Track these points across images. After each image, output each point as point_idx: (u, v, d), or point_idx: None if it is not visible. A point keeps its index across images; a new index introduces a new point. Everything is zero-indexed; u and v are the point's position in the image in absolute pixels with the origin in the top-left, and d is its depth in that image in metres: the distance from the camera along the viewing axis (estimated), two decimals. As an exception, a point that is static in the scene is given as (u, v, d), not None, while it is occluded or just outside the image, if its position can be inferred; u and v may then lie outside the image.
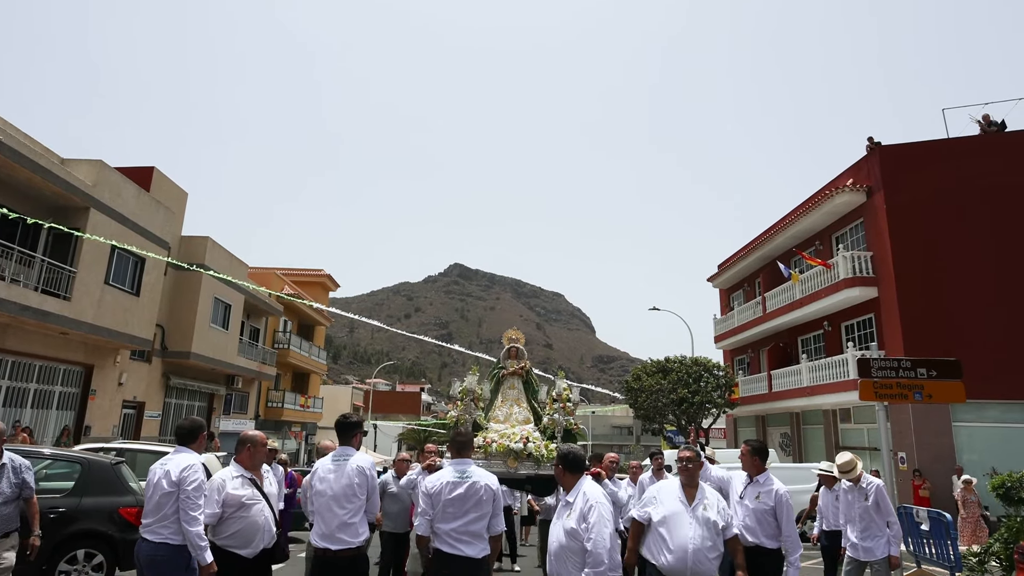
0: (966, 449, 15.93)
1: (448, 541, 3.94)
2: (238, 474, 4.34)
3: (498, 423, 7.68)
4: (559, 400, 7.65)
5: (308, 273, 39.19)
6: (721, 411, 24.72)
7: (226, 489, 4.21)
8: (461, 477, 4.07)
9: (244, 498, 4.21)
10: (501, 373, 8.25)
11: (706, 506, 4.14)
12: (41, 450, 7.70)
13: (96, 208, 15.51)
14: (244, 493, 4.23)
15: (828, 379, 18.53)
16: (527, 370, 8.34)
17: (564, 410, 7.56)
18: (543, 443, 7.12)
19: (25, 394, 15.02)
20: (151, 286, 18.29)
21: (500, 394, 8.15)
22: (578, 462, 3.97)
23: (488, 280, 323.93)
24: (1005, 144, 18.05)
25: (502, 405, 7.99)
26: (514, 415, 7.84)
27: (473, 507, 3.99)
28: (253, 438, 4.51)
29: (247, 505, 4.22)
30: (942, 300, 16.77)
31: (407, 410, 65.65)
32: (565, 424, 7.49)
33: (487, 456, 7.00)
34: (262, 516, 4.30)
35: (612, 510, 3.83)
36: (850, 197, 18.87)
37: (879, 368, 9.09)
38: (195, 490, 4.13)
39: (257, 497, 4.31)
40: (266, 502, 4.39)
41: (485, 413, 7.89)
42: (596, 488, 3.84)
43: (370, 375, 74.06)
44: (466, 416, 7.59)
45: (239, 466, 4.40)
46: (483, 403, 7.91)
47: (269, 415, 30.77)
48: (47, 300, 13.90)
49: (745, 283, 27.98)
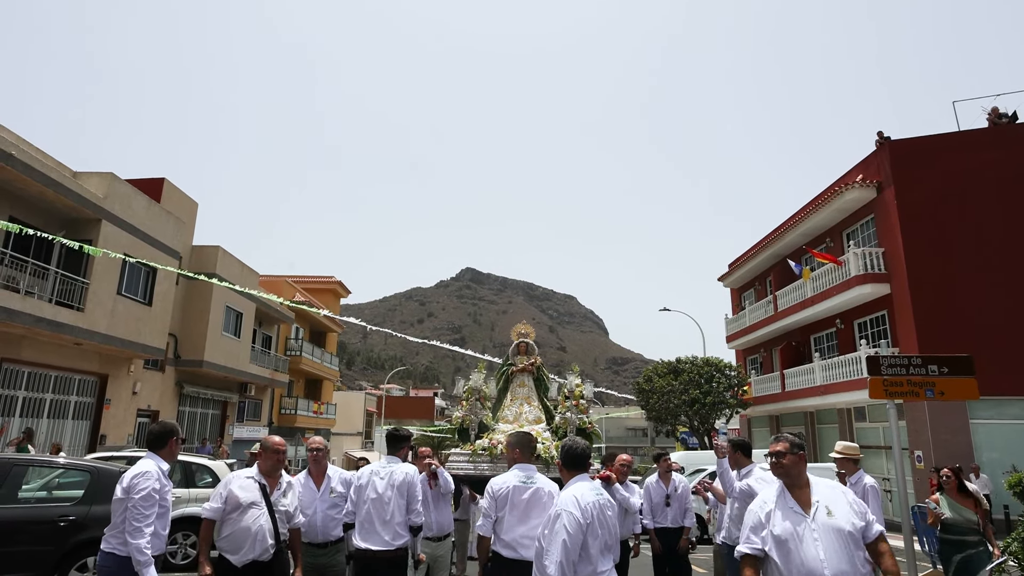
0: (984, 447, 15.61)
1: (511, 546, 3.89)
2: (251, 476, 4.29)
3: (507, 423, 7.23)
4: (571, 397, 7.18)
5: (319, 280, 39.43)
6: (734, 411, 24.49)
7: (230, 486, 4.16)
8: (526, 482, 3.98)
9: (243, 500, 4.12)
10: (510, 370, 7.74)
11: (830, 509, 2.96)
12: (54, 459, 7.81)
13: (107, 220, 15.75)
14: (245, 496, 4.14)
15: (842, 377, 18.28)
16: (538, 366, 7.79)
17: (577, 408, 7.10)
18: (553, 443, 6.67)
19: (41, 404, 15.25)
20: (163, 296, 18.52)
21: (509, 392, 7.67)
22: (576, 457, 3.51)
23: (500, 284, 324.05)
24: (1017, 136, 17.73)
25: (511, 404, 7.52)
26: (524, 414, 7.38)
27: (537, 513, 3.92)
28: (263, 442, 4.49)
29: (243, 507, 4.12)
30: (956, 296, 16.49)
31: (421, 415, 65.70)
32: (578, 422, 7.02)
33: (493, 458, 6.61)
34: (256, 524, 4.11)
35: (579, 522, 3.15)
36: (860, 193, 18.64)
37: (889, 365, 8.93)
38: (143, 499, 3.75)
39: (258, 503, 4.15)
40: (268, 510, 4.18)
41: (493, 413, 7.46)
42: (576, 492, 3.28)
43: (383, 380, 74.33)
44: (472, 416, 7.20)
45: (256, 469, 4.37)
46: (490, 402, 7.50)
47: (282, 422, 30.97)
48: (61, 311, 14.11)
49: (756, 282, 27.73)
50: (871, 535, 2.95)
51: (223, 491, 4.16)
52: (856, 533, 2.91)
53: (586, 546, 3.16)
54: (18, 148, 13.27)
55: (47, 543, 6.49)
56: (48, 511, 6.73)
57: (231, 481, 4.22)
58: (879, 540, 2.96)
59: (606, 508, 3.35)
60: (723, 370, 24.46)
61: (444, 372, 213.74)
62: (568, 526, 3.12)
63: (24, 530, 6.45)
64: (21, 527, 6.45)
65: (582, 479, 3.45)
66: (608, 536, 3.31)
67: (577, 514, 3.16)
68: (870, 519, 2.98)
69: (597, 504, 3.29)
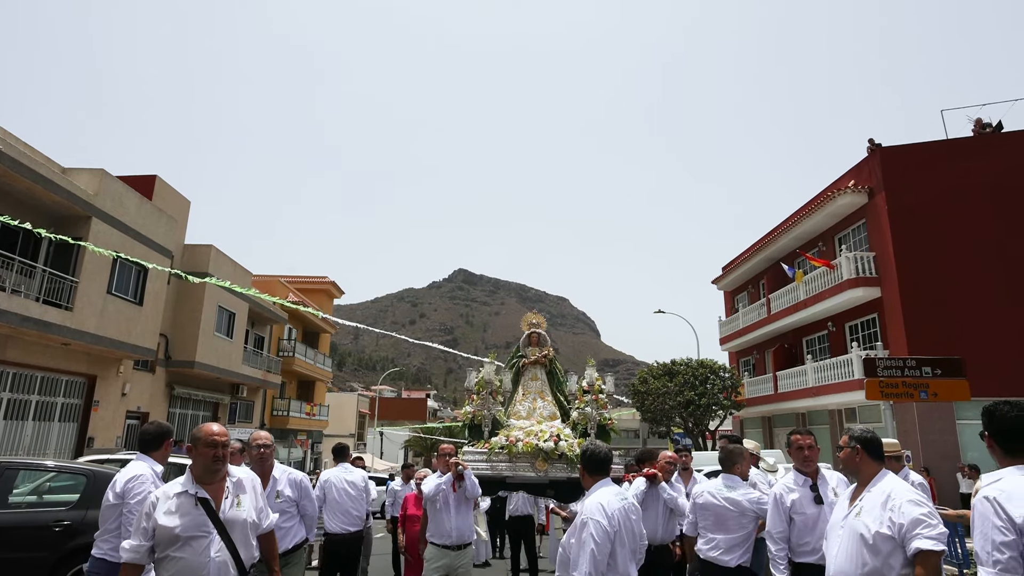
0: (970, 447, 15.84)
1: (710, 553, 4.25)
2: (180, 491, 2.99)
3: (520, 419, 6.74)
4: (591, 391, 6.62)
5: (313, 280, 39.22)
6: (728, 413, 24.59)
7: (155, 514, 2.91)
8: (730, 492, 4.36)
9: (178, 530, 2.88)
10: (521, 363, 7.20)
11: (861, 511, 2.85)
12: (44, 463, 7.68)
13: (98, 217, 15.55)
14: (180, 523, 2.90)
15: (833, 379, 18.43)
16: (551, 358, 7.27)
17: (597, 403, 6.54)
18: (575, 441, 6.18)
19: (27, 406, 15.00)
20: (154, 295, 18.32)
21: (521, 386, 7.14)
22: (599, 462, 3.33)
23: (492, 285, 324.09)
24: (1003, 144, 18.11)
25: (524, 399, 7.00)
26: (538, 410, 6.85)
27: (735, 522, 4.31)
28: (192, 435, 3.14)
29: (182, 541, 2.89)
30: (945, 299, 16.73)
31: (413, 417, 65.48)
32: (599, 419, 6.46)
33: (512, 457, 6.09)
34: (206, 558, 2.88)
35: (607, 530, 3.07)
36: (852, 198, 18.85)
37: (885, 367, 9.02)
38: (139, 504, 3.50)
39: (203, 527, 2.93)
40: (220, 534, 2.97)
41: (505, 408, 6.94)
42: (601, 499, 3.17)
43: (375, 382, 74.07)
44: (484, 412, 6.64)
45: (188, 478, 3.04)
46: (503, 396, 6.95)
47: (275, 423, 30.75)
48: (49, 311, 13.91)
49: (749, 285, 27.88)
50: (909, 550, 2.62)
51: (146, 522, 2.90)
52: (874, 539, 2.70)
53: (614, 554, 3.11)
54: (5, 143, 13.11)
55: (42, 549, 6.36)
56: (43, 516, 6.60)
57: (155, 505, 2.94)
58: (915, 559, 2.61)
59: (631, 513, 3.30)
60: (717, 372, 24.56)
61: (436, 373, 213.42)
62: (596, 535, 3.04)
63: (17, 535, 6.31)
64: (14, 532, 6.31)
65: (606, 484, 3.35)
66: (634, 543, 3.28)
67: (604, 522, 3.09)
68: (907, 533, 2.63)
69: (623, 510, 3.23)
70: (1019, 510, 2.20)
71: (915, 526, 2.60)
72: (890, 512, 2.70)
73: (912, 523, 2.61)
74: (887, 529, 2.67)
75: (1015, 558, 2.17)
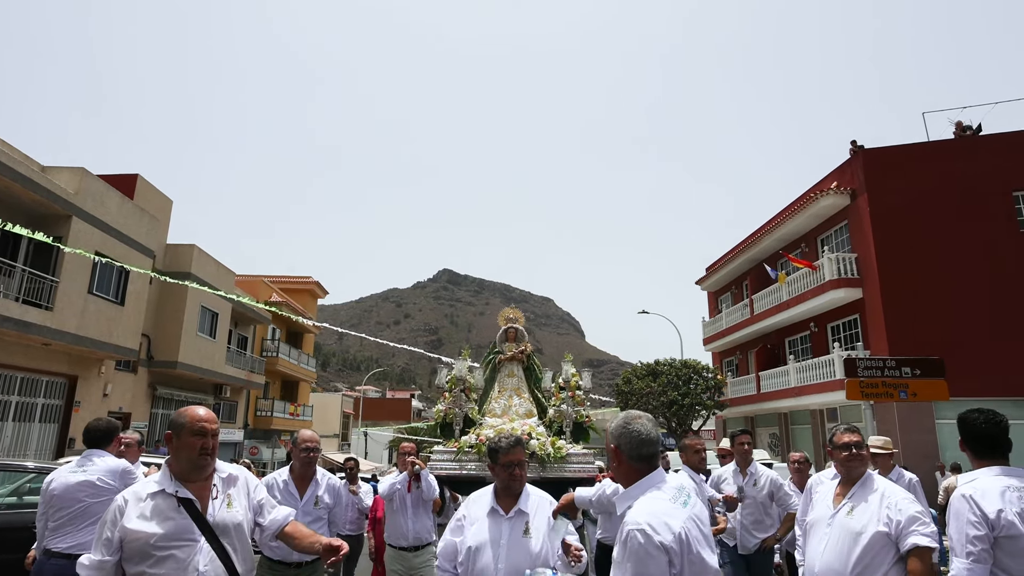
0: (949, 446, 16.13)
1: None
2: (155, 490, 2.48)
3: (495, 417, 6.54)
4: (567, 388, 6.45)
5: (296, 280, 38.87)
6: (711, 413, 24.85)
7: (123, 521, 2.40)
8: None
9: (154, 539, 2.37)
10: (498, 359, 7.01)
11: (852, 509, 2.91)
12: (25, 464, 7.56)
13: (78, 216, 15.31)
14: (157, 530, 2.39)
15: (815, 379, 18.70)
16: (528, 354, 7.05)
17: (573, 399, 6.39)
18: (549, 439, 6.03)
19: (6, 407, 14.73)
20: (136, 295, 18.07)
21: (497, 383, 6.93)
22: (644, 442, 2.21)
23: (477, 285, 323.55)
24: (982, 147, 18.43)
25: (499, 396, 6.80)
26: (514, 407, 6.64)
27: None
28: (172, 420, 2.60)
29: (163, 550, 2.37)
30: (925, 300, 17.01)
31: (398, 417, 65.11)
32: (575, 416, 6.34)
33: (481, 456, 5.85)
34: (193, 572, 2.39)
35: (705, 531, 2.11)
36: (834, 200, 19.10)
37: (865, 368, 9.20)
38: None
39: (188, 533, 2.43)
40: (209, 541, 2.46)
41: (479, 406, 6.77)
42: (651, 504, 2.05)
43: (360, 382, 73.61)
44: (455, 410, 6.42)
45: (166, 473, 2.53)
46: (476, 394, 6.80)
47: (258, 424, 30.47)
48: (28, 311, 13.67)
49: (733, 286, 28.17)
50: (904, 546, 2.70)
51: (111, 531, 2.39)
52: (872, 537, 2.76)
53: None
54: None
55: (21, 550, 6.27)
56: (22, 517, 6.50)
57: (123, 510, 2.42)
58: (910, 555, 2.68)
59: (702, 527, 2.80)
60: (700, 372, 24.81)
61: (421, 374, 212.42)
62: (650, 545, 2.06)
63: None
64: None
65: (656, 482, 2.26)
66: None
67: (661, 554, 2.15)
68: (904, 529, 2.71)
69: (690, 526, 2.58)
70: (992, 506, 2.54)
71: (911, 523, 2.73)
72: (887, 509, 2.81)
73: (909, 520, 2.74)
74: (884, 527, 2.77)
75: (986, 550, 2.52)
